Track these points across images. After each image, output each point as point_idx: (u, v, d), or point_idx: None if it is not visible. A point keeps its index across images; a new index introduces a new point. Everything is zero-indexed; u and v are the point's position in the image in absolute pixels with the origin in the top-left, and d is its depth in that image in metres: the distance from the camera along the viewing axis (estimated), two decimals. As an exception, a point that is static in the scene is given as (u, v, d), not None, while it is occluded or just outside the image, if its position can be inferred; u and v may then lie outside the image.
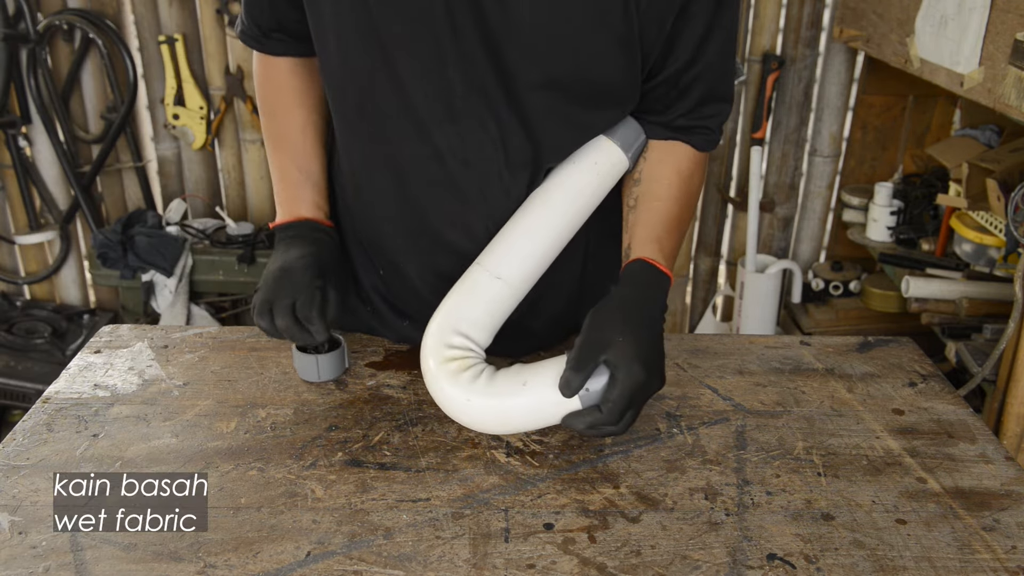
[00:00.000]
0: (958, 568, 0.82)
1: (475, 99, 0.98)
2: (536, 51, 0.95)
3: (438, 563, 0.82)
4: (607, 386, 0.90)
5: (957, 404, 1.09)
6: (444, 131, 1.00)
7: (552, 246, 1.04)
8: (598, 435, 0.94)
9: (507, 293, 1.01)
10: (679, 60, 1.00)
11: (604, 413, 0.90)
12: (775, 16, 2.67)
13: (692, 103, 1.04)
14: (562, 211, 1.04)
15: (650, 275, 0.99)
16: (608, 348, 0.90)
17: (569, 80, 0.98)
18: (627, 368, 0.89)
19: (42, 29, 2.62)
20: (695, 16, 0.98)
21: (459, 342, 0.97)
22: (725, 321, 3.06)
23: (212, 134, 2.80)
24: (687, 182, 1.07)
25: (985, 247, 2.11)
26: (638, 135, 1.07)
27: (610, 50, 0.97)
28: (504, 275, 1.00)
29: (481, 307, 0.99)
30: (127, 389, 1.08)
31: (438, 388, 0.96)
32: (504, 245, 1.02)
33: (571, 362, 0.91)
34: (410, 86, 0.98)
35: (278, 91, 1.15)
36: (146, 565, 0.81)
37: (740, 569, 0.82)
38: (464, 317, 0.99)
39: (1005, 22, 1.67)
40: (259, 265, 2.70)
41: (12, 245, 2.92)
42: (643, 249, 1.00)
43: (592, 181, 1.05)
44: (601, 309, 0.95)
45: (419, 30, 0.94)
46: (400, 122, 1.01)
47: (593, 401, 0.91)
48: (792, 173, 2.84)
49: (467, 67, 0.96)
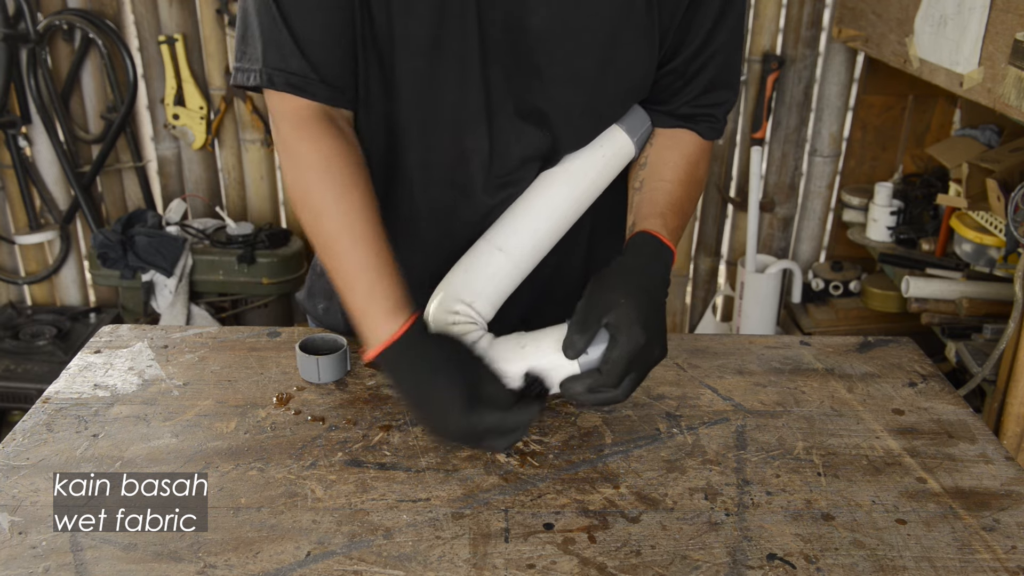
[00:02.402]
0: (958, 568, 0.82)
1: (502, 101, 0.99)
2: (564, 46, 0.97)
3: (438, 563, 0.82)
4: (608, 348, 0.89)
5: (957, 404, 1.09)
6: (472, 135, 1.01)
7: (557, 226, 1.05)
8: (597, 401, 0.90)
9: (511, 267, 1.01)
10: (688, 49, 1.02)
11: (603, 375, 0.88)
12: (775, 16, 2.67)
13: (698, 90, 1.05)
14: (567, 194, 1.05)
15: (652, 246, 0.98)
16: (610, 311, 0.89)
17: (594, 74, 0.99)
18: (628, 330, 0.88)
19: (42, 29, 2.62)
20: (706, 5, 0.99)
21: (462, 310, 0.97)
22: (725, 321, 3.06)
23: (212, 134, 2.80)
24: (693, 167, 1.08)
25: (985, 247, 2.11)
26: (644, 122, 1.08)
27: (635, 43, 0.98)
28: (509, 249, 1.01)
29: (485, 279, 1.00)
30: (127, 389, 1.08)
31: None
32: (511, 222, 1.04)
33: (574, 325, 0.89)
34: (438, 92, 0.99)
35: (329, 178, 0.95)
36: (146, 565, 0.81)
37: (740, 569, 0.82)
38: (468, 287, 0.99)
39: (1005, 22, 1.67)
40: (259, 265, 2.70)
41: (12, 245, 2.92)
42: (647, 223, 1.00)
43: (598, 165, 1.06)
44: (603, 275, 0.94)
45: (447, 33, 0.95)
46: (423, 128, 1.02)
47: (592, 365, 0.89)
48: (792, 173, 2.84)
49: (497, 68, 0.97)
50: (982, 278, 2.16)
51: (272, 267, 2.71)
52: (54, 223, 2.90)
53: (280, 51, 0.94)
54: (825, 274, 2.74)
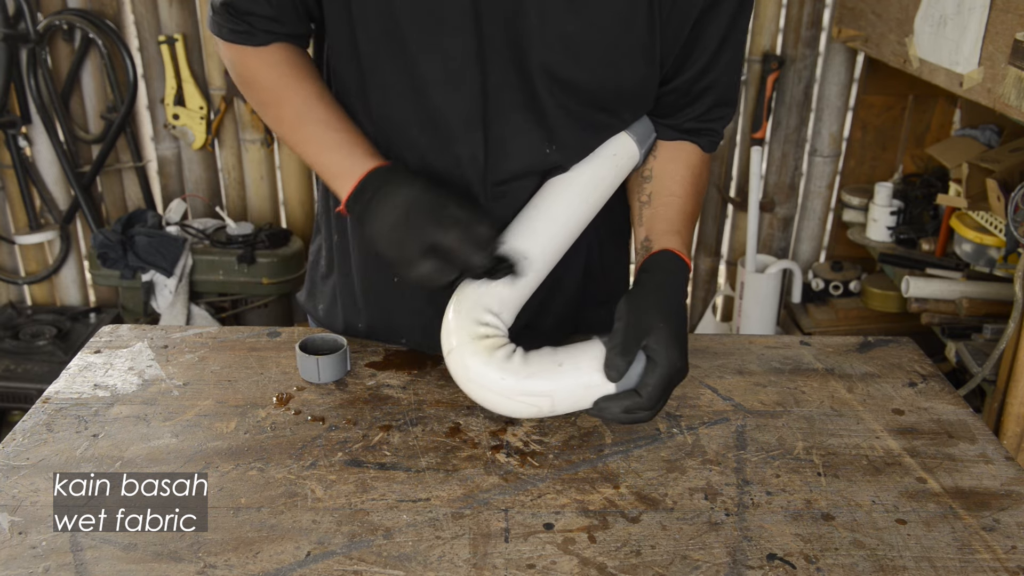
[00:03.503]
0: (958, 568, 0.82)
1: (498, 107, 0.99)
2: (563, 58, 0.97)
3: (438, 563, 0.82)
4: (646, 370, 0.90)
5: (957, 404, 1.09)
6: (467, 140, 1.01)
7: (571, 232, 1.05)
8: (630, 420, 0.92)
9: (532, 275, 1.00)
10: (692, 69, 1.03)
11: (643, 398, 0.89)
12: (775, 16, 2.67)
13: (702, 109, 1.07)
14: (583, 199, 1.05)
15: (676, 264, 0.99)
16: (648, 334, 0.90)
17: (592, 87, 1.00)
18: (666, 354, 0.89)
19: (42, 29, 2.63)
20: (711, 26, 1.00)
21: (490, 320, 0.95)
22: (725, 321, 3.06)
23: (212, 134, 2.80)
24: (698, 179, 1.10)
25: (985, 247, 2.11)
26: (651, 132, 1.09)
27: (634, 58, 0.99)
28: (530, 256, 1.00)
29: (509, 288, 0.98)
30: (127, 389, 1.08)
31: (466, 367, 0.92)
32: (528, 227, 1.02)
33: (616, 347, 0.90)
34: (435, 95, 0.99)
35: (279, 72, 1.02)
36: (146, 565, 0.81)
37: (740, 569, 0.82)
38: (494, 296, 0.96)
39: (1005, 22, 1.67)
40: (259, 265, 2.70)
41: (12, 245, 2.92)
42: (667, 240, 1.01)
43: (611, 172, 1.06)
44: (638, 295, 0.95)
45: (446, 37, 0.95)
46: (421, 131, 1.02)
47: (628, 386, 0.90)
48: (792, 173, 2.84)
49: (494, 74, 0.97)
50: (982, 278, 2.16)
51: (272, 267, 2.71)
52: (54, 223, 2.90)
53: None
54: (825, 274, 2.74)
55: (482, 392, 0.93)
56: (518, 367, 0.91)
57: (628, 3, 0.95)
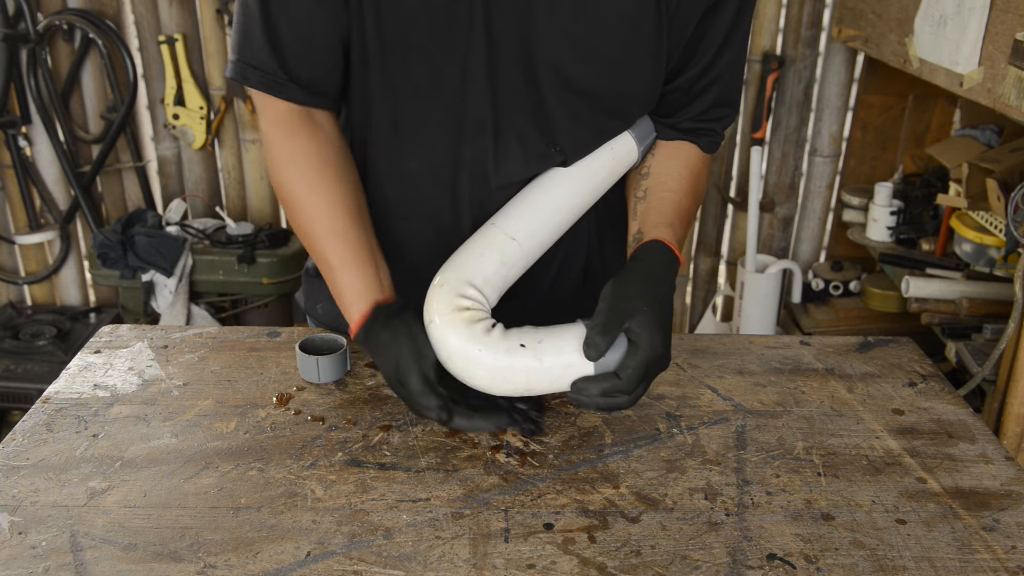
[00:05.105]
0: (958, 568, 0.82)
1: (507, 109, 1.00)
2: (571, 62, 0.97)
3: (438, 563, 0.82)
4: (627, 354, 0.89)
5: (957, 404, 1.09)
6: (476, 144, 1.02)
7: (564, 221, 1.05)
8: (606, 406, 0.91)
9: (519, 255, 1.00)
10: (694, 69, 1.03)
11: (623, 380, 0.88)
12: (775, 16, 2.67)
13: (702, 108, 1.07)
14: (577, 190, 1.05)
15: (665, 255, 0.99)
16: (632, 317, 0.89)
17: (599, 90, 1.00)
18: (649, 338, 0.89)
19: (42, 29, 2.63)
20: (715, 24, 1.00)
21: (472, 294, 0.94)
22: (725, 321, 3.06)
23: (212, 134, 2.80)
24: (696, 178, 1.09)
25: (985, 247, 2.11)
26: (651, 131, 1.09)
27: (641, 62, 0.99)
28: (519, 238, 1.00)
29: (495, 265, 0.98)
30: (127, 389, 1.08)
31: (445, 338, 0.91)
32: (520, 210, 1.03)
33: (597, 326, 0.89)
34: (445, 99, 0.99)
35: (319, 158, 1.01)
36: (146, 565, 0.81)
37: (740, 569, 0.82)
38: (480, 273, 0.96)
39: (1005, 22, 1.67)
40: (259, 265, 2.70)
41: (12, 245, 2.92)
42: (658, 232, 1.01)
43: (607, 165, 1.06)
44: (624, 280, 0.94)
45: (456, 42, 0.95)
46: (432, 136, 1.02)
47: (608, 369, 0.89)
48: (792, 173, 2.84)
49: (503, 76, 0.98)
50: (982, 278, 2.16)
51: (272, 267, 2.72)
52: (54, 223, 2.90)
53: (252, 47, 0.97)
54: (825, 274, 2.74)
55: (461, 363, 0.91)
56: (496, 341, 0.90)
57: (637, 3, 0.95)
